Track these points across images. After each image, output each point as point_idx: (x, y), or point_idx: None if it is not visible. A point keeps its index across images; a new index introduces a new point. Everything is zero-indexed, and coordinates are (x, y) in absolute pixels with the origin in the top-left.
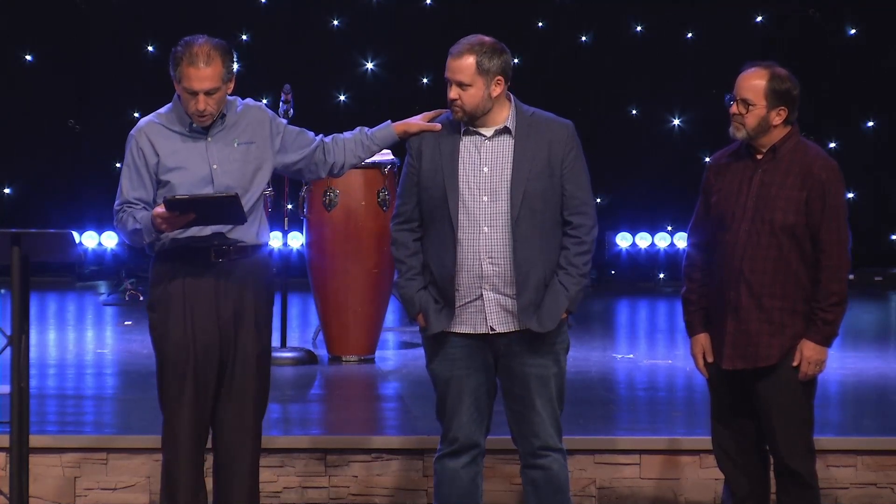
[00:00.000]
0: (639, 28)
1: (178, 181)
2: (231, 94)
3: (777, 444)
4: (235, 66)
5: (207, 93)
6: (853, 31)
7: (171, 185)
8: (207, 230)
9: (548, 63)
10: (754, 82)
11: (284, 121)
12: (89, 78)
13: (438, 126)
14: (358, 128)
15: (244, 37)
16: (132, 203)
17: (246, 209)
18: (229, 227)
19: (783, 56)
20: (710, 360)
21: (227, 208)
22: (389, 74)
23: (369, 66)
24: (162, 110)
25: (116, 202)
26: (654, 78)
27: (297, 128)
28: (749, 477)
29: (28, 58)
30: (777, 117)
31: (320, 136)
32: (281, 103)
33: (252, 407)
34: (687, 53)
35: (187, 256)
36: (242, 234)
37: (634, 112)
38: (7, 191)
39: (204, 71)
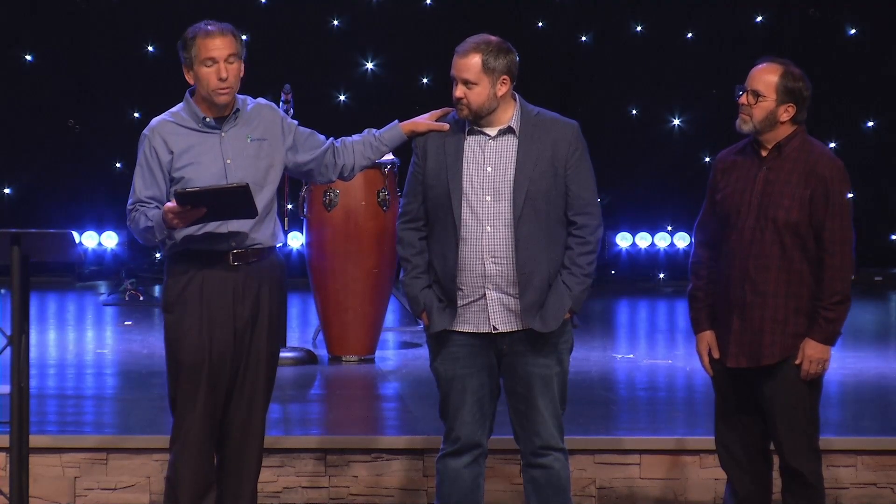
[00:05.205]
0: (639, 28)
1: (193, 176)
2: (239, 93)
3: (780, 443)
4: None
5: (227, 60)
6: (853, 31)
7: (186, 181)
8: (224, 229)
9: (548, 63)
10: (767, 76)
11: (295, 121)
12: (89, 78)
13: (446, 126)
14: (366, 130)
15: (244, 37)
16: (145, 202)
17: (260, 207)
18: (247, 227)
19: (783, 56)
20: (715, 356)
21: (238, 200)
22: (389, 74)
23: (369, 66)
24: (174, 109)
25: (129, 201)
26: (654, 78)
27: (307, 129)
28: (752, 476)
29: (28, 58)
30: (785, 113)
31: (330, 139)
32: (281, 103)
33: (260, 408)
34: (687, 53)
35: (205, 258)
36: (259, 235)
37: (634, 112)
38: (7, 191)
39: (221, 40)
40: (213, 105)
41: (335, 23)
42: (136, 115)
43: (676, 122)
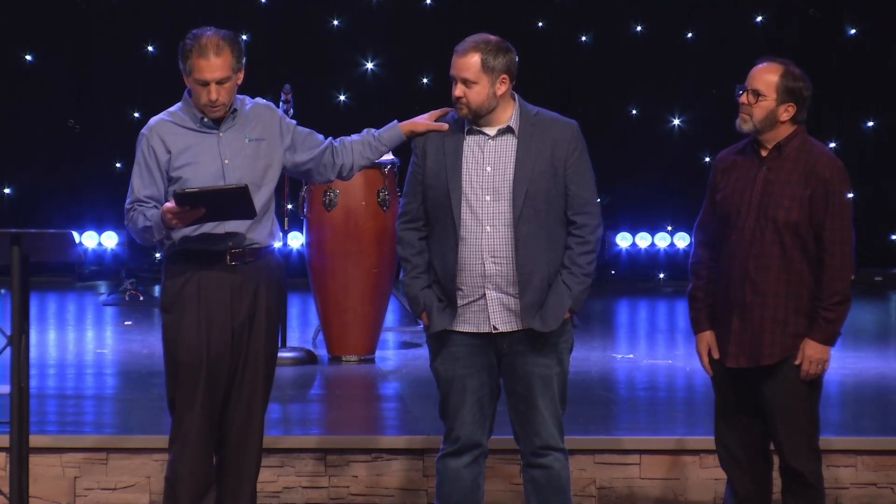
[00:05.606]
0: (639, 28)
1: (190, 176)
2: (239, 93)
3: (780, 443)
4: (244, 59)
5: (219, 82)
6: (853, 31)
7: (183, 181)
8: (221, 229)
9: (548, 63)
10: (767, 76)
11: (294, 121)
12: (89, 78)
13: (445, 126)
14: (365, 129)
15: (244, 37)
16: (143, 201)
17: (258, 207)
18: (244, 227)
19: (783, 56)
20: (715, 356)
21: (237, 200)
22: (389, 74)
23: (369, 66)
24: (172, 108)
25: (127, 201)
26: (654, 78)
27: (306, 129)
28: (752, 476)
29: (28, 58)
30: (785, 113)
31: (329, 138)
32: (281, 103)
33: (259, 408)
34: (687, 53)
35: (202, 258)
36: (256, 235)
37: (634, 112)
38: (7, 191)
39: (214, 61)
40: None
41: (335, 23)
42: (136, 115)
43: (676, 122)
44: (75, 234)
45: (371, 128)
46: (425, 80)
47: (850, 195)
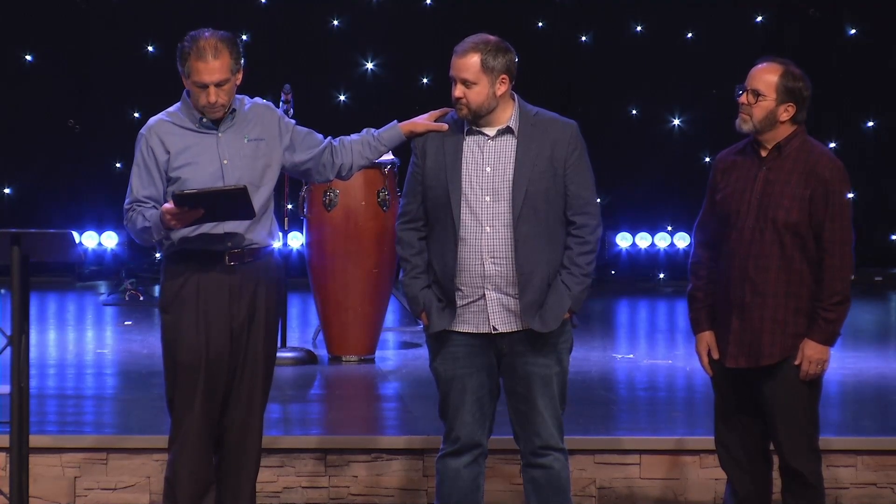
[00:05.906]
0: (639, 28)
1: (189, 176)
2: (238, 93)
3: (780, 443)
4: (242, 59)
5: (217, 84)
6: (853, 31)
7: (182, 181)
8: (219, 229)
9: (548, 63)
10: (767, 76)
11: (293, 121)
12: (89, 78)
13: (445, 126)
14: (364, 129)
15: (244, 37)
16: (142, 202)
17: (257, 207)
18: (243, 227)
19: (783, 56)
20: (715, 357)
21: (236, 201)
22: (389, 74)
23: (369, 66)
24: (171, 109)
25: (126, 201)
26: (654, 78)
27: (305, 128)
28: (752, 476)
29: (28, 58)
30: (785, 113)
31: (328, 138)
32: (281, 103)
33: (259, 408)
34: (687, 53)
35: (201, 258)
36: (255, 235)
37: (634, 112)
38: (7, 191)
39: (212, 64)
40: None
41: (335, 23)
42: (136, 115)
43: (676, 122)
44: (75, 234)
45: (371, 128)
46: (425, 80)
47: (850, 195)
